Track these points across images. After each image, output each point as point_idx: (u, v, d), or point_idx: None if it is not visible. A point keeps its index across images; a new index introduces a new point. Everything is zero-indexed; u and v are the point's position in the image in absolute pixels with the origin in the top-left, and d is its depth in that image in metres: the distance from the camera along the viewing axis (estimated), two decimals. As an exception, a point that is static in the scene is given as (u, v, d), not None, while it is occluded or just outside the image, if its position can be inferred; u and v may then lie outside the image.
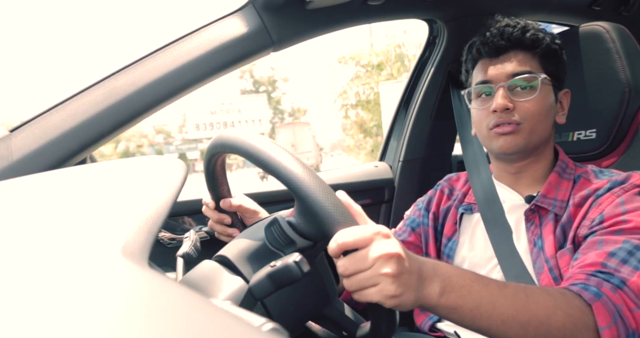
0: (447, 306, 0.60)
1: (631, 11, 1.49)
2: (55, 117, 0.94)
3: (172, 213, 1.22)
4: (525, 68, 0.89)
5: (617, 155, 1.06)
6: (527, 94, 0.88)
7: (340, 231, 0.55)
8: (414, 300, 0.57)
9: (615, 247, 0.73)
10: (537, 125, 0.89)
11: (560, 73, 0.92)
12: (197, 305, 0.29)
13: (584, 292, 0.68)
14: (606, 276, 0.70)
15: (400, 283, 0.55)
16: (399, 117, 1.60)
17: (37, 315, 0.26)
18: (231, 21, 1.06)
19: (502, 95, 0.88)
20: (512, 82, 0.88)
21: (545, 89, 0.89)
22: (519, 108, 0.88)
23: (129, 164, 0.58)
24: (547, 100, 0.90)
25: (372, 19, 1.24)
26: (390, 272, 0.55)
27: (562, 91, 0.94)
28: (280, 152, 0.57)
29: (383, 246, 0.56)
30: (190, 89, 1.03)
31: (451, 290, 0.60)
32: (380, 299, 0.55)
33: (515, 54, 0.90)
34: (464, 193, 1.06)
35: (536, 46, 0.89)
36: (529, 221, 0.91)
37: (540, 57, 0.90)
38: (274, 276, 0.55)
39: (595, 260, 0.73)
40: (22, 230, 0.39)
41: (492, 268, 0.93)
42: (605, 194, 0.81)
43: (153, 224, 0.41)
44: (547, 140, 0.93)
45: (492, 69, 0.91)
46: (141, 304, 0.28)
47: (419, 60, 1.53)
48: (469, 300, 0.60)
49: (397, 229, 1.14)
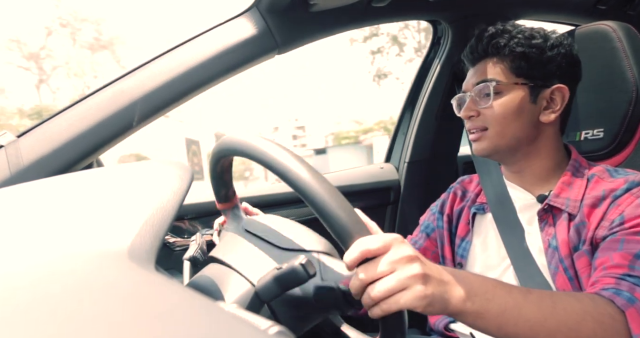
0: (474, 311, 0.58)
1: (637, 10, 1.48)
2: (62, 122, 0.95)
3: (179, 216, 1.22)
4: (487, 76, 0.93)
5: (625, 154, 1.05)
6: (488, 100, 0.92)
7: (360, 239, 0.53)
8: (440, 303, 0.56)
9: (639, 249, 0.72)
10: (505, 128, 0.91)
11: (538, 72, 0.91)
12: (204, 308, 0.29)
13: (616, 298, 0.66)
14: (636, 280, 0.69)
15: (429, 283, 0.54)
16: (404, 118, 1.59)
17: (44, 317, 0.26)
18: (235, 24, 1.07)
19: (467, 104, 0.95)
20: (475, 90, 0.94)
21: (511, 91, 0.91)
22: (484, 114, 0.93)
23: (135, 167, 0.58)
24: (514, 102, 0.90)
25: (376, 20, 1.24)
26: (417, 273, 0.53)
27: (550, 88, 0.92)
28: (288, 156, 0.56)
29: (403, 250, 0.55)
30: (196, 92, 1.04)
31: (475, 294, 0.58)
32: (412, 302, 0.53)
33: (484, 62, 0.95)
34: (476, 194, 1.07)
35: (498, 53, 0.92)
36: (542, 221, 0.90)
37: (510, 61, 0.91)
38: (280, 278, 0.55)
39: (620, 261, 0.72)
40: (31, 233, 0.39)
41: (506, 269, 0.93)
42: (623, 195, 0.80)
43: (160, 227, 0.41)
44: (532, 140, 0.92)
45: (467, 78, 0.98)
46: (148, 307, 0.28)
47: (423, 61, 1.53)
48: (495, 305, 0.59)
49: (412, 236, 1.15)
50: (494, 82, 0.91)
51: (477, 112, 0.93)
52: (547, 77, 0.91)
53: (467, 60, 0.99)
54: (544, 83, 0.91)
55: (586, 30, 1.08)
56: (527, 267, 0.88)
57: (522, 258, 0.89)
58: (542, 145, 0.93)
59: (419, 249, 1.08)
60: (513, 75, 0.91)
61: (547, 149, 0.94)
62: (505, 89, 0.91)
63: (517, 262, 0.90)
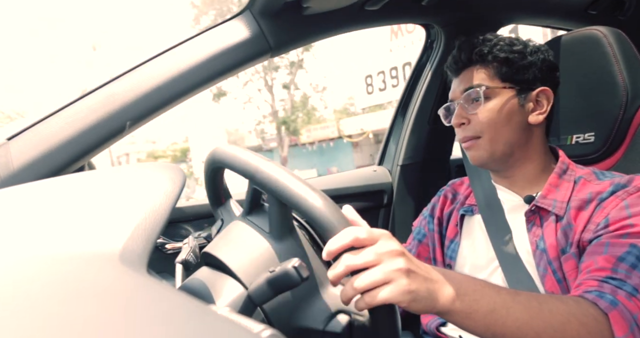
0: (462, 311, 0.58)
1: (627, 15, 1.49)
2: (53, 124, 0.94)
3: (171, 219, 1.22)
4: (473, 82, 0.94)
5: (615, 158, 1.06)
6: (478, 105, 0.93)
7: (351, 227, 0.54)
8: (427, 300, 0.56)
9: (623, 252, 0.73)
10: (498, 133, 0.92)
11: (523, 76, 0.94)
12: (196, 311, 0.29)
13: (599, 300, 0.67)
14: (618, 283, 0.70)
15: (413, 278, 0.54)
16: (397, 121, 1.60)
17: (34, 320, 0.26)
18: (228, 27, 1.07)
19: (456, 112, 0.96)
20: (463, 97, 0.95)
21: (498, 96, 0.93)
22: (474, 120, 0.94)
23: (127, 170, 0.57)
24: (504, 107, 0.92)
25: (369, 24, 1.24)
26: (402, 267, 0.54)
27: (534, 91, 0.94)
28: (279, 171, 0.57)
29: (390, 244, 0.55)
30: (188, 95, 1.04)
31: (464, 293, 0.59)
32: (395, 296, 0.53)
33: (469, 70, 0.97)
34: (466, 196, 1.08)
35: (482, 60, 0.95)
36: (529, 222, 0.91)
37: (496, 66, 0.94)
38: (273, 282, 0.55)
39: (604, 265, 0.73)
40: (22, 236, 0.39)
41: (494, 270, 0.94)
42: (609, 197, 0.81)
43: (151, 231, 0.40)
44: (524, 144, 0.94)
45: (453, 88, 1.00)
46: (140, 311, 0.28)
47: (416, 65, 1.53)
48: (483, 304, 0.60)
49: (405, 244, 1.16)
50: (483, 86, 0.92)
51: (467, 119, 0.94)
52: (530, 80, 0.94)
53: (451, 70, 1.01)
54: (529, 86, 0.94)
55: (577, 35, 1.09)
56: (515, 268, 0.89)
57: (510, 260, 0.90)
58: (532, 148, 0.95)
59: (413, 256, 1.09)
60: (499, 80, 0.94)
61: (537, 152, 0.96)
62: (493, 93, 0.93)
63: (505, 263, 0.91)
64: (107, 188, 0.51)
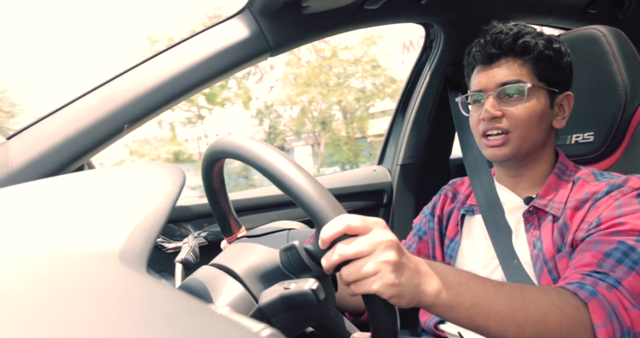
0: (445, 304, 0.59)
1: (627, 14, 1.50)
2: (53, 124, 0.94)
3: (171, 219, 1.22)
4: (514, 76, 0.89)
5: (615, 158, 1.06)
6: (516, 101, 0.89)
7: (344, 215, 0.54)
8: (412, 294, 0.56)
9: (611, 248, 0.74)
10: (528, 133, 0.89)
11: (557, 77, 0.91)
12: (196, 311, 0.29)
13: (579, 291, 0.68)
14: (601, 276, 0.71)
15: (400, 272, 0.55)
16: (397, 120, 1.60)
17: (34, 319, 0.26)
18: (228, 26, 1.06)
19: (490, 103, 0.89)
20: (501, 90, 0.90)
21: (536, 95, 0.89)
22: (508, 115, 0.89)
23: (127, 170, 0.57)
24: (539, 107, 0.89)
25: (368, 23, 1.24)
26: (391, 260, 0.54)
27: (561, 95, 0.92)
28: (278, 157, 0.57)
29: (384, 234, 0.55)
30: (188, 94, 1.04)
31: (448, 287, 0.59)
32: (379, 288, 0.54)
33: (506, 61, 0.91)
34: (466, 196, 1.08)
35: (527, 53, 0.89)
36: (527, 223, 0.91)
37: (534, 63, 0.90)
38: (288, 299, 0.55)
39: (590, 260, 0.74)
40: (22, 235, 0.39)
41: (494, 270, 0.94)
42: (603, 198, 0.82)
43: (151, 230, 0.40)
44: (543, 146, 0.93)
45: (484, 77, 0.92)
46: (139, 310, 0.28)
47: (416, 64, 1.53)
48: (467, 297, 0.60)
49: (406, 240, 1.16)
50: (528, 84, 0.88)
51: (502, 113, 0.90)
52: (561, 82, 0.92)
53: (482, 56, 0.93)
54: (559, 88, 0.92)
55: (576, 34, 1.09)
56: (514, 268, 0.89)
57: (510, 260, 0.91)
58: (546, 150, 0.94)
59: (413, 253, 1.09)
60: (536, 79, 0.90)
61: (548, 154, 0.95)
62: (533, 92, 0.89)
63: (505, 263, 0.91)
64: (107, 187, 0.51)
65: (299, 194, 0.55)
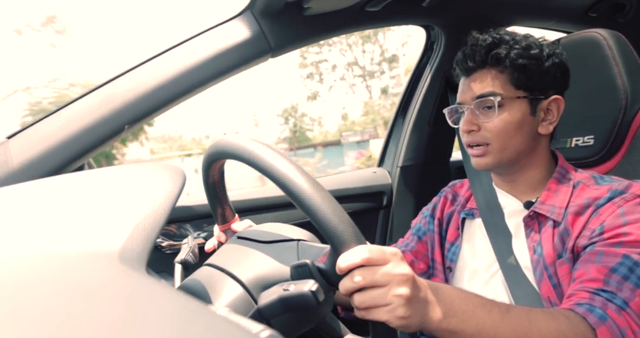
0: (448, 330, 0.59)
1: (627, 18, 1.50)
2: (53, 123, 0.94)
3: (170, 219, 1.22)
4: (488, 88, 0.90)
5: (615, 161, 1.06)
6: (491, 113, 0.90)
7: (363, 246, 0.54)
8: (419, 323, 0.57)
9: (616, 262, 0.73)
10: (507, 142, 0.90)
11: (538, 83, 0.90)
12: (195, 311, 0.29)
13: (589, 315, 0.68)
14: (609, 295, 0.70)
15: (411, 306, 0.56)
16: (397, 122, 1.60)
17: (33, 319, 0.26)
18: (229, 27, 1.07)
19: (467, 118, 0.92)
20: (476, 103, 0.91)
21: (512, 105, 0.89)
22: (485, 128, 0.91)
23: (127, 170, 0.57)
24: (516, 116, 0.89)
25: (369, 24, 1.24)
26: (404, 294, 0.55)
27: (547, 100, 0.91)
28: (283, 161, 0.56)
29: (400, 267, 0.56)
30: (189, 95, 1.04)
31: (453, 314, 0.60)
32: (389, 319, 0.55)
33: (481, 73, 0.91)
34: (466, 199, 1.08)
35: (499, 64, 0.90)
36: (527, 227, 0.91)
37: (509, 73, 0.90)
38: (287, 301, 0.55)
39: (596, 275, 0.73)
40: (22, 235, 0.39)
41: (494, 274, 0.94)
42: (605, 204, 0.81)
43: (151, 230, 0.40)
44: (530, 152, 0.92)
45: (463, 90, 0.95)
46: (139, 310, 0.28)
47: (416, 66, 1.53)
48: (471, 325, 0.60)
49: (404, 238, 1.15)
50: (498, 97, 0.88)
51: (477, 126, 0.91)
52: (544, 88, 0.91)
53: (461, 68, 0.95)
54: (542, 95, 0.91)
55: (577, 37, 1.09)
56: (515, 272, 0.89)
57: (510, 264, 0.90)
58: (538, 155, 0.94)
59: (411, 252, 1.09)
60: (513, 88, 0.90)
61: (541, 159, 0.95)
62: (508, 102, 0.89)
63: (505, 267, 0.91)
64: (106, 187, 0.51)
65: (317, 214, 0.53)
